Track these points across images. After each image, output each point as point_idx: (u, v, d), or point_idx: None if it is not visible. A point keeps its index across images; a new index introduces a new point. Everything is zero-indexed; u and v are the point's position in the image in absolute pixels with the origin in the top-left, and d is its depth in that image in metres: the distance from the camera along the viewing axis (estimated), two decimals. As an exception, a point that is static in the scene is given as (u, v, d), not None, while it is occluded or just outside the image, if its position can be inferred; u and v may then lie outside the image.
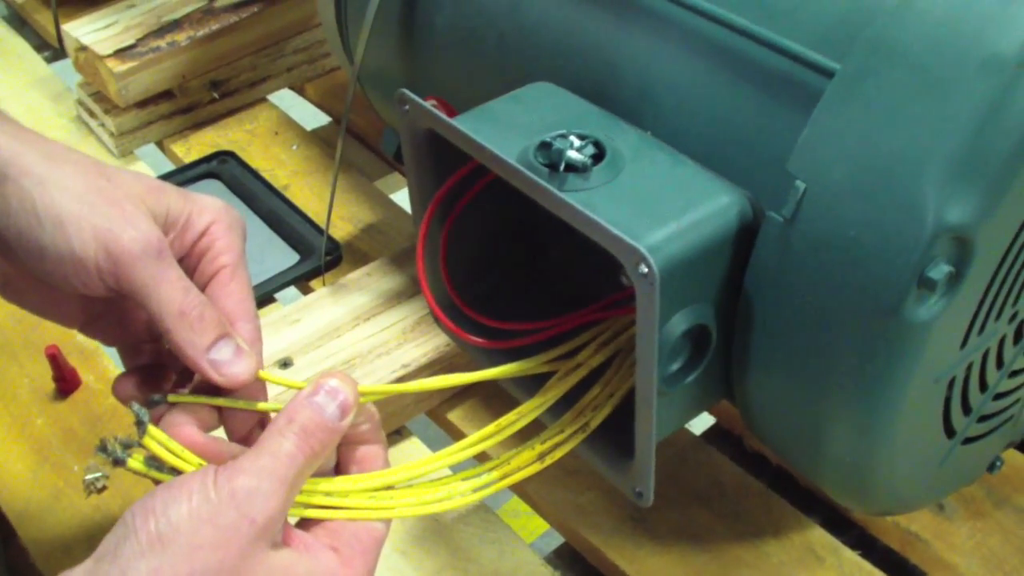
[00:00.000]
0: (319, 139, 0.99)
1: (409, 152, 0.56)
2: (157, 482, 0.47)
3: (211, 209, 0.51)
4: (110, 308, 0.53)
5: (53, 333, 0.79)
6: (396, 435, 0.73)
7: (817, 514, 0.68)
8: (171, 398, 0.49)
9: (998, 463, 0.62)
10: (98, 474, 0.70)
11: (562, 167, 0.49)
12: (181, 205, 0.50)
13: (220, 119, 1.00)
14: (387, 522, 0.49)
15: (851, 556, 0.65)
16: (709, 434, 0.75)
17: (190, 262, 0.50)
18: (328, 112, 1.04)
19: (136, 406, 0.47)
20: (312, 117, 1.05)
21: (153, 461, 0.47)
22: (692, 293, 0.49)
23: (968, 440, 0.57)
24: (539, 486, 0.69)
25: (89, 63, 0.95)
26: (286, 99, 1.06)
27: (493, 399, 0.74)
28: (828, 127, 0.47)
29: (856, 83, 0.46)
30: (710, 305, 0.50)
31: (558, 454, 0.53)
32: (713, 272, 0.49)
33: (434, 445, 0.74)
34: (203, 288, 0.50)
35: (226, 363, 0.48)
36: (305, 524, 0.48)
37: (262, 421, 0.51)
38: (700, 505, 0.68)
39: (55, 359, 0.75)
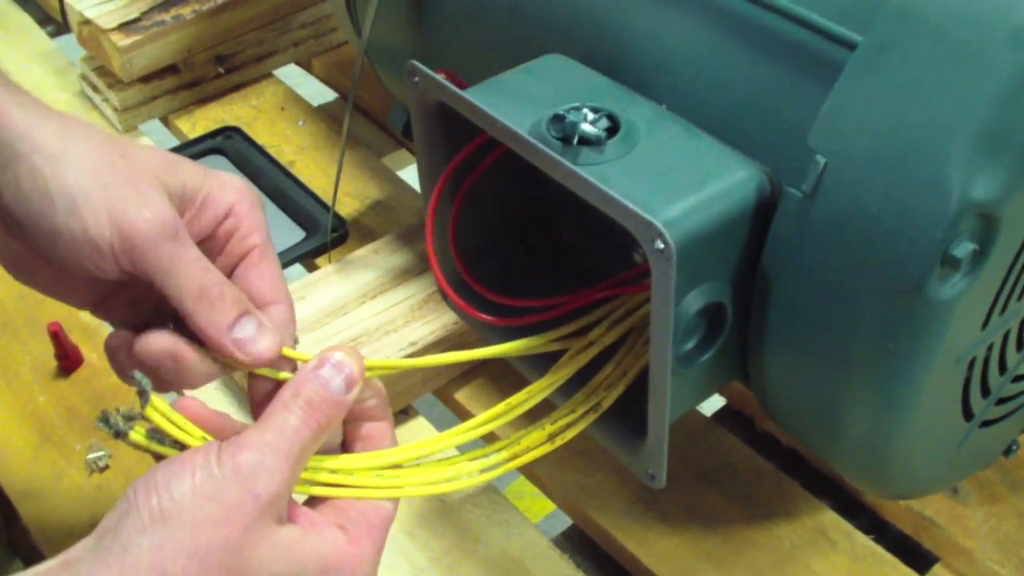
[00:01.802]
0: (325, 115, 0.98)
1: (419, 126, 0.55)
2: (159, 456, 0.46)
3: (232, 187, 0.49)
4: (121, 289, 0.52)
5: (55, 311, 0.78)
6: (403, 415, 0.72)
7: (829, 497, 0.68)
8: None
9: (1014, 447, 0.61)
10: (100, 453, 0.70)
11: (575, 140, 0.48)
12: (199, 181, 0.48)
13: (225, 94, 0.99)
14: (395, 502, 0.48)
15: (864, 540, 0.64)
16: (720, 415, 0.74)
17: (215, 243, 0.49)
18: (335, 88, 1.03)
19: (138, 375, 0.45)
20: (318, 93, 1.04)
21: (155, 434, 0.46)
22: (708, 270, 0.48)
23: (986, 423, 0.56)
24: (547, 467, 0.69)
25: (93, 37, 0.94)
26: (292, 75, 1.04)
27: (501, 379, 0.73)
28: (850, 100, 0.45)
29: (879, 55, 0.45)
30: (726, 282, 0.49)
31: (569, 435, 0.52)
32: (730, 248, 0.48)
33: (441, 425, 0.73)
34: (232, 269, 0.49)
35: (250, 340, 0.46)
36: (312, 502, 0.47)
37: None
38: (711, 487, 0.67)
39: (57, 336, 0.74)
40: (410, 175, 0.93)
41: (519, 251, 0.63)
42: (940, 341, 0.46)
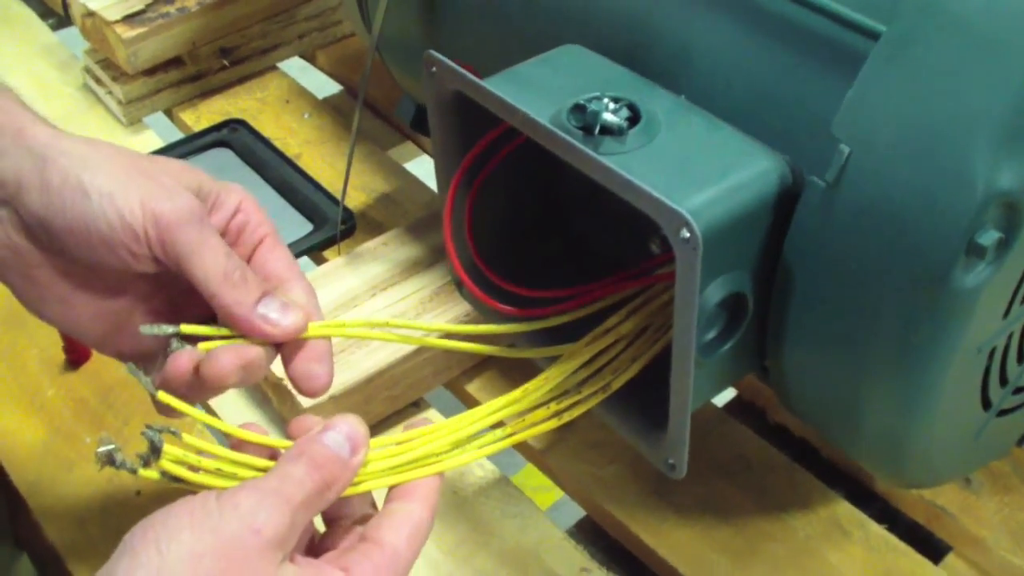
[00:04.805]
0: (331, 107, 0.97)
1: (435, 117, 0.55)
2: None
3: (237, 189, 0.53)
4: (126, 321, 0.53)
5: (63, 303, 0.78)
6: (414, 407, 0.72)
7: (840, 487, 0.67)
8: (184, 329, 0.49)
9: (1029, 436, 0.61)
10: (111, 446, 0.69)
11: (597, 130, 0.48)
12: (211, 184, 0.52)
13: (230, 87, 0.98)
14: (408, 538, 0.46)
15: (878, 530, 0.64)
16: (731, 407, 0.74)
17: (228, 237, 0.51)
18: (340, 80, 1.03)
19: (150, 432, 0.45)
20: (323, 85, 1.04)
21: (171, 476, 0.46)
22: (729, 260, 0.48)
23: (1003, 412, 0.56)
24: (560, 459, 0.68)
25: (96, 29, 0.93)
26: (296, 67, 1.04)
27: (512, 370, 0.73)
28: (875, 90, 0.45)
29: (904, 45, 0.45)
30: (746, 273, 0.49)
31: (576, 412, 0.52)
32: (752, 238, 0.48)
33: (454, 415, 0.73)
34: (248, 256, 0.52)
35: (276, 316, 0.49)
36: (314, 549, 0.48)
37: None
38: (724, 479, 0.67)
39: (66, 329, 0.73)
40: (416, 167, 0.93)
41: (531, 244, 0.63)
42: (964, 331, 0.46)
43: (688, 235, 0.42)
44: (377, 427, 0.70)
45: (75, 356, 0.74)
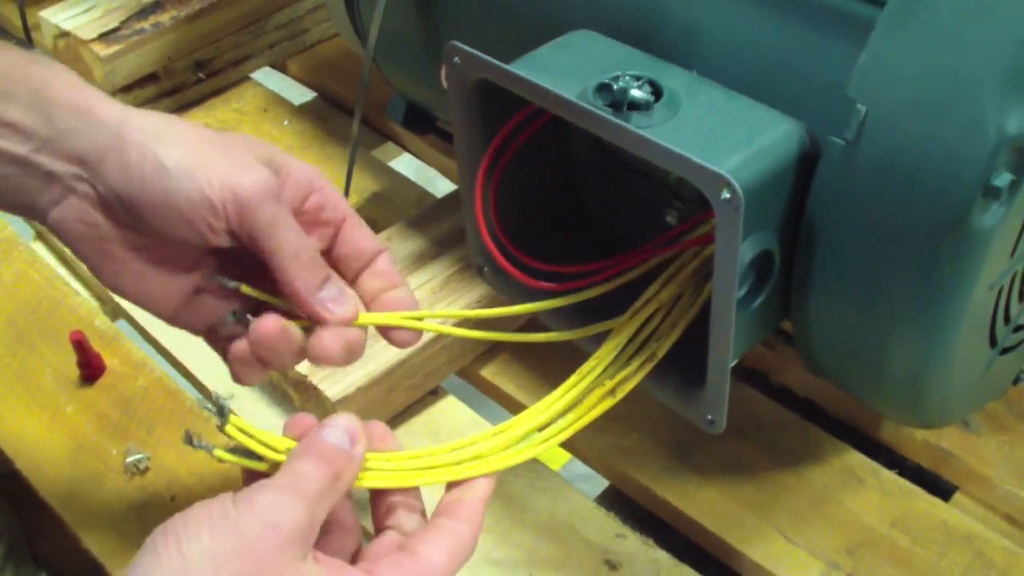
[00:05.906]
0: (308, 113, 0.98)
1: (457, 108, 0.57)
2: (249, 473, 0.48)
3: (308, 166, 0.54)
4: (196, 297, 0.54)
5: (69, 320, 0.78)
6: (432, 395, 0.74)
7: (846, 440, 0.71)
8: (244, 289, 0.52)
9: (1022, 375, 0.65)
10: (139, 456, 0.70)
11: (626, 106, 0.50)
12: (281, 156, 0.53)
13: (206, 100, 0.99)
14: (448, 554, 0.47)
15: (890, 475, 0.68)
16: (734, 372, 0.76)
17: (308, 216, 0.52)
18: (313, 87, 1.04)
19: (216, 394, 0.47)
20: (288, 89, 1.05)
21: (238, 450, 0.48)
22: (760, 220, 0.50)
23: (1005, 351, 0.59)
24: (582, 433, 0.70)
25: (71, 49, 0.93)
26: (266, 78, 1.05)
27: (525, 353, 0.75)
28: (885, 51, 0.48)
29: (910, 8, 0.48)
30: (773, 232, 0.52)
31: (629, 386, 0.54)
32: (777, 198, 0.51)
33: (471, 402, 0.75)
34: (333, 236, 0.53)
35: (334, 300, 0.51)
36: (355, 558, 0.49)
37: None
38: (740, 439, 0.70)
39: (80, 344, 0.74)
40: (399, 166, 0.95)
41: (544, 229, 0.65)
42: (980, 270, 0.50)
43: (729, 195, 0.45)
44: (399, 417, 0.72)
45: (90, 371, 0.75)
